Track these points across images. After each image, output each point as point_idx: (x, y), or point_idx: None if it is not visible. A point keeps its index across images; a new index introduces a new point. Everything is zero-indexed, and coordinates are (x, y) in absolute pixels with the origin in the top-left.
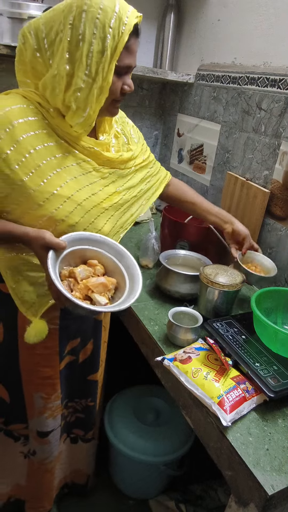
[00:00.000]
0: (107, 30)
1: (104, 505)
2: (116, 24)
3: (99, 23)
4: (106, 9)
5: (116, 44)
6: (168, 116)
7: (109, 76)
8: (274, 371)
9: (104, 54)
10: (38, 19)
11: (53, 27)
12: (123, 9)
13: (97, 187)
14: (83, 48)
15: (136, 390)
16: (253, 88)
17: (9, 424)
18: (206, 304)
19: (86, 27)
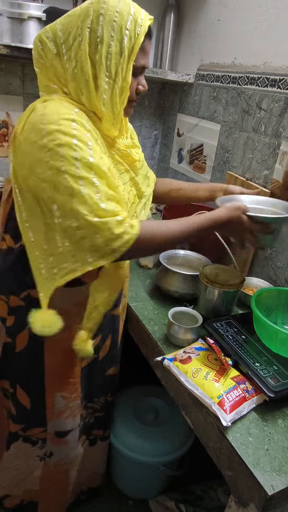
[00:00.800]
0: (124, 32)
1: (103, 505)
2: (132, 26)
3: (116, 25)
4: (122, 12)
5: (132, 45)
6: (167, 116)
7: (128, 76)
8: (274, 371)
9: (122, 55)
10: (55, 25)
11: (71, 32)
12: (138, 12)
13: (129, 187)
14: (102, 50)
15: (136, 390)
16: (253, 88)
17: (28, 429)
18: (206, 304)
19: (104, 29)
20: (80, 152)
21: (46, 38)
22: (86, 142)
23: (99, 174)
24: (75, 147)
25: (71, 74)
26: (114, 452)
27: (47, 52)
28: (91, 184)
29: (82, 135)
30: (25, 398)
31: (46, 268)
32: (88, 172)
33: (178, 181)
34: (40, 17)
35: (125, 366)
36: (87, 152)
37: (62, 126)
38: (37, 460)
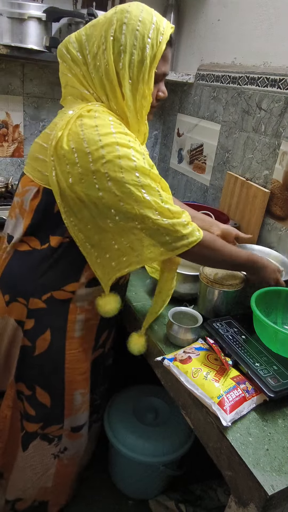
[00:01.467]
0: (146, 41)
1: (103, 505)
2: (154, 34)
3: (139, 34)
4: (145, 21)
5: (154, 53)
6: (167, 116)
7: (150, 83)
8: (274, 371)
9: (144, 63)
10: (80, 35)
11: (95, 41)
12: (160, 21)
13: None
14: (125, 58)
15: (136, 390)
16: (253, 88)
17: (46, 427)
18: (206, 304)
19: (127, 38)
20: (138, 162)
21: (73, 48)
22: (142, 152)
23: (154, 179)
24: (133, 158)
25: (99, 82)
26: (114, 452)
27: (76, 61)
28: (152, 189)
29: (137, 146)
30: (45, 398)
31: (103, 262)
32: (147, 179)
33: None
34: (40, 17)
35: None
36: (142, 161)
37: (119, 139)
38: (52, 458)
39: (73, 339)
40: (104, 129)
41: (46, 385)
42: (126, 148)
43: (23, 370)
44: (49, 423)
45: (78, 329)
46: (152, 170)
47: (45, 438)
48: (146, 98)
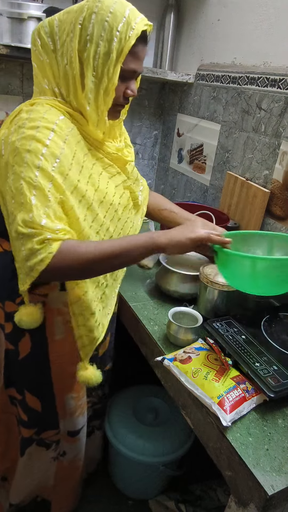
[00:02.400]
0: (114, 33)
1: (103, 505)
2: (124, 28)
3: (107, 25)
4: (116, 13)
5: (122, 47)
6: (167, 116)
7: (114, 78)
8: (274, 371)
9: (110, 56)
10: (53, 20)
11: (66, 28)
12: (133, 15)
13: (121, 190)
14: (91, 48)
15: (136, 390)
16: (253, 88)
17: (41, 432)
18: (206, 304)
19: (95, 28)
20: (44, 163)
21: (44, 33)
22: (56, 155)
23: (57, 188)
24: (41, 157)
25: (63, 71)
26: (114, 452)
27: (45, 47)
28: (44, 196)
29: (55, 148)
30: (35, 403)
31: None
32: (45, 182)
33: (170, 203)
34: (40, 17)
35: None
36: (51, 164)
37: (39, 134)
38: (52, 461)
39: (55, 342)
40: (32, 123)
41: (34, 390)
42: (40, 145)
43: (11, 375)
44: (43, 428)
45: (59, 332)
46: (55, 179)
47: (42, 444)
48: (108, 93)
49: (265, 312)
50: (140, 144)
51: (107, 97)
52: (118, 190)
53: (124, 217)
